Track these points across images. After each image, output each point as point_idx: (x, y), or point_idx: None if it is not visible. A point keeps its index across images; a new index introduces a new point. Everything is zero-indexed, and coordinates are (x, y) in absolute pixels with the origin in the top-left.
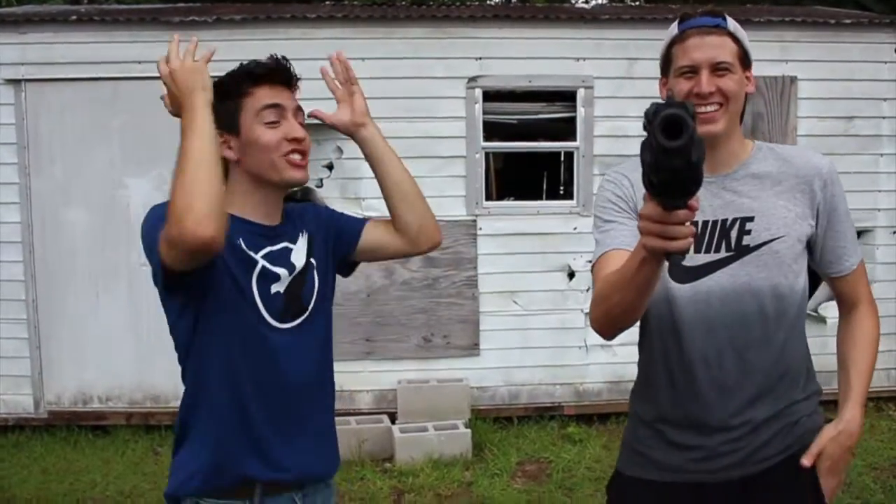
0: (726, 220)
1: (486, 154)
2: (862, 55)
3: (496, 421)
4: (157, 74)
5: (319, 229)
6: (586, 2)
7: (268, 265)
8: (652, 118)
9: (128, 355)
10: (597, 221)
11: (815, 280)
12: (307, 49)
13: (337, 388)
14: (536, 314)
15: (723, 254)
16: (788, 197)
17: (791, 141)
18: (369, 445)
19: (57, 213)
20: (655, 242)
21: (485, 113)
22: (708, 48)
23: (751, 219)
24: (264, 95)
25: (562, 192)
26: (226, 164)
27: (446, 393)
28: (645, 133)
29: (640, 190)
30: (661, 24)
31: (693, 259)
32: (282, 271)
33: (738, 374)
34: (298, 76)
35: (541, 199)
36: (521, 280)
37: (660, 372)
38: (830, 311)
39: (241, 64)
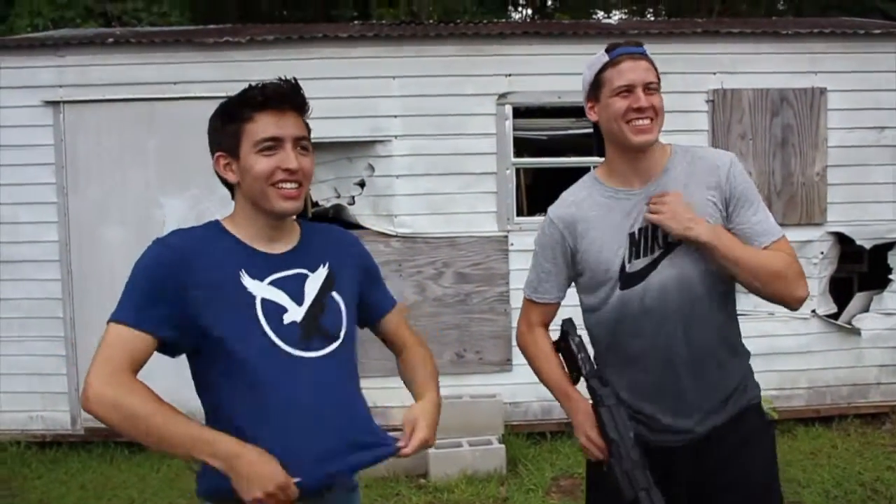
0: (653, 225)
1: (517, 170)
2: (891, 65)
3: (529, 436)
4: (193, 94)
5: (353, 271)
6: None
7: (269, 298)
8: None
9: (162, 372)
10: (534, 255)
11: (848, 293)
12: (339, 68)
13: (370, 403)
14: None
15: (657, 253)
16: (701, 191)
17: (822, 153)
18: (404, 462)
19: (93, 232)
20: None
21: (515, 129)
22: (642, 71)
23: None
24: (266, 124)
25: None
26: (230, 187)
27: (479, 409)
28: None
29: (573, 227)
30: (688, 38)
31: (636, 265)
32: (287, 301)
33: (687, 352)
34: (306, 102)
35: None
36: None
37: (615, 363)
38: (866, 322)
39: (250, 85)
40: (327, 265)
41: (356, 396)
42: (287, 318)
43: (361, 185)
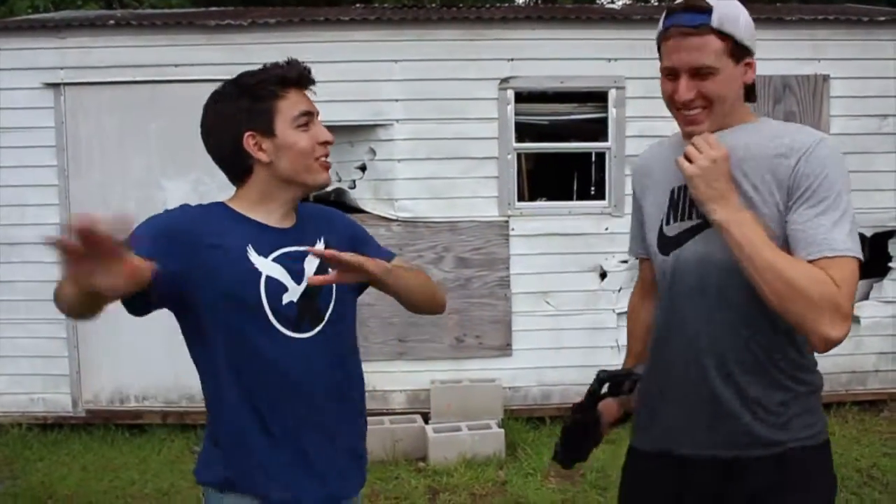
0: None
1: (518, 155)
2: (895, 53)
3: (528, 421)
4: (195, 77)
5: (342, 240)
6: (612, 2)
7: (273, 276)
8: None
9: (164, 355)
10: None
11: None
12: (340, 51)
13: (370, 387)
14: (568, 314)
15: (693, 220)
16: (759, 168)
17: None
18: (403, 445)
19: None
20: None
21: (517, 114)
22: (685, 52)
23: None
24: (298, 101)
25: (593, 193)
26: (248, 167)
27: (479, 393)
28: None
29: (642, 180)
30: None
31: (672, 228)
32: (288, 279)
33: (711, 339)
34: (314, 80)
35: (572, 199)
36: (553, 280)
37: (650, 345)
38: (865, 310)
39: (266, 65)
40: (323, 241)
41: (339, 380)
42: (286, 298)
43: (363, 168)
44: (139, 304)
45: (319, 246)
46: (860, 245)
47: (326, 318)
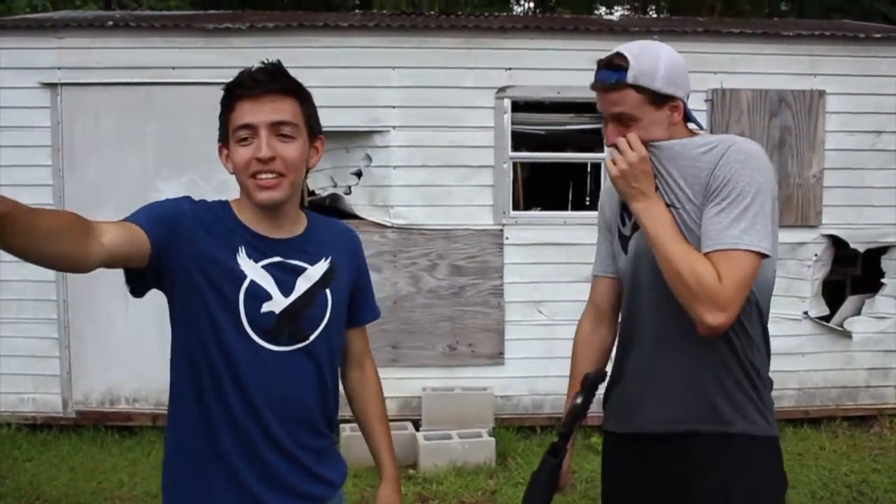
0: None
1: (514, 164)
2: (891, 69)
3: (519, 430)
4: (192, 80)
5: (348, 270)
6: (610, 13)
7: (258, 281)
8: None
9: (155, 357)
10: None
11: (840, 296)
12: (338, 57)
13: None
14: (561, 324)
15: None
16: (684, 170)
17: (819, 155)
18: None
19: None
20: None
21: (513, 123)
22: (606, 104)
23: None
24: (242, 112)
25: (588, 203)
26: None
27: (471, 401)
28: None
29: (605, 199)
30: (689, 36)
31: (625, 228)
32: (274, 290)
33: (655, 327)
34: (289, 84)
35: (567, 209)
36: (546, 290)
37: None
38: (857, 325)
39: (239, 72)
40: (329, 260)
41: (308, 402)
42: (266, 308)
43: (358, 175)
44: (137, 280)
45: (323, 265)
46: (765, 239)
47: (311, 339)
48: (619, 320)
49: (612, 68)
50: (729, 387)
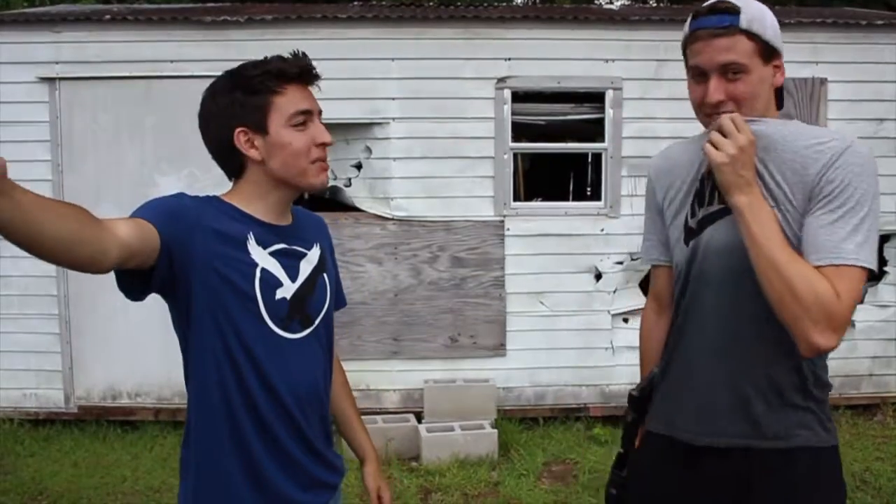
0: None
1: (515, 155)
2: (893, 57)
3: (522, 421)
4: (190, 73)
5: (328, 251)
6: (610, 2)
7: (268, 269)
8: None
9: (156, 352)
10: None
11: None
12: (337, 49)
13: (364, 386)
14: (563, 315)
15: (715, 206)
16: (784, 166)
17: None
18: (396, 444)
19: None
20: None
21: (513, 114)
22: (714, 52)
23: None
24: (297, 97)
25: (589, 194)
26: (241, 163)
27: (472, 393)
28: None
29: (659, 180)
30: None
31: (693, 220)
32: (283, 276)
33: (721, 332)
34: (320, 76)
35: (568, 200)
36: (548, 281)
37: (671, 331)
38: (860, 314)
39: (267, 57)
40: (319, 245)
41: (320, 388)
42: (279, 294)
43: (358, 167)
44: (137, 283)
45: (317, 250)
46: (874, 255)
47: (315, 324)
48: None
49: (723, 12)
50: (793, 400)
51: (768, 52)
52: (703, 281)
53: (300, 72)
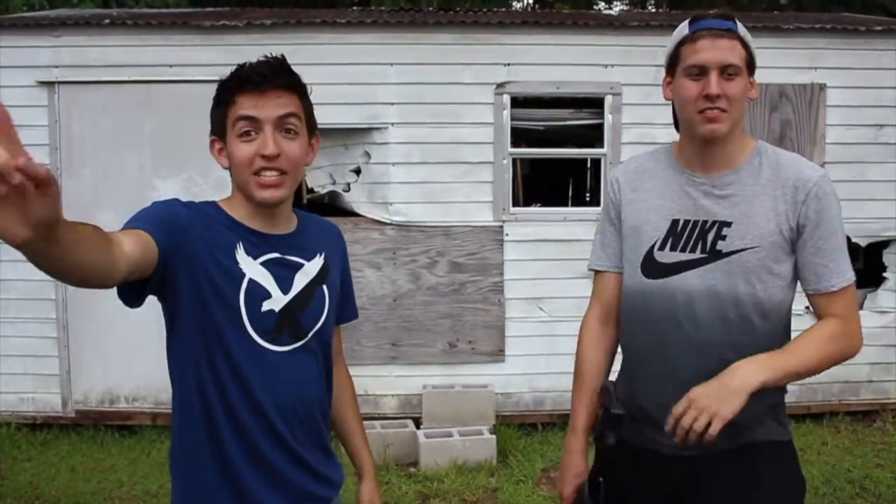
0: (706, 221)
1: (514, 160)
2: (892, 62)
3: (520, 427)
4: (189, 78)
5: (338, 266)
6: (609, 8)
7: (257, 279)
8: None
9: (154, 356)
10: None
11: None
12: (336, 54)
13: (362, 391)
14: (562, 321)
15: (697, 254)
16: (771, 206)
17: (819, 149)
18: (394, 450)
19: (87, 215)
20: None
21: (512, 119)
22: (718, 51)
23: (728, 224)
24: (242, 104)
25: (588, 199)
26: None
27: (471, 398)
28: None
29: (626, 190)
30: None
31: (667, 256)
32: (273, 287)
33: (694, 371)
34: (293, 79)
35: (567, 205)
36: (546, 286)
37: (626, 358)
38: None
39: (238, 65)
40: (323, 256)
41: (310, 401)
42: (266, 306)
43: (357, 172)
44: (136, 290)
45: (318, 261)
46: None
47: (308, 337)
48: (623, 338)
49: (722, 17)
50: (757, 410)
51: (752, 65)
52: (669, 320)
53: (240, 81)
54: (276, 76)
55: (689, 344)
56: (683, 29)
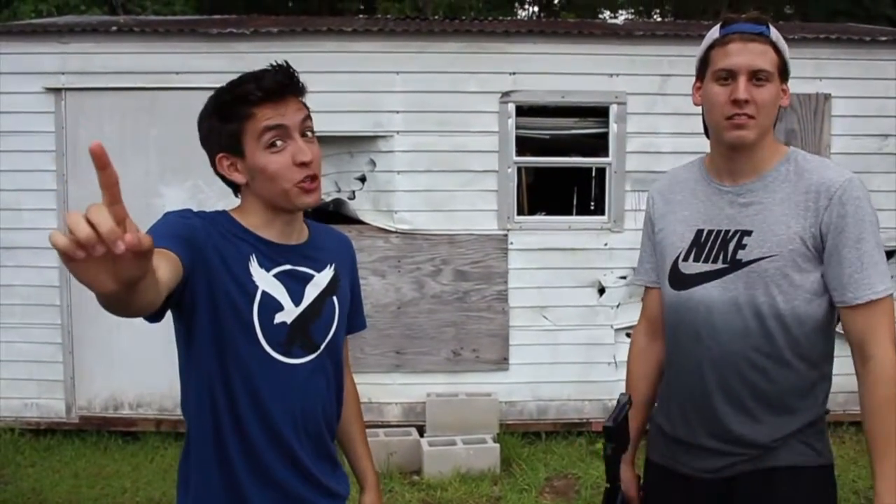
0: (728, 231)
1: (519, 169)
2: None
3: (524, 436)
4: (196, 85)
5: (348, 277)
6: (615, 17)
7: (269, 292)
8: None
9: (159, 363)
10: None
11: None
12: (342, 62)
13: (366, 399)
14: (566, 329)
15: (719, 265)
16: (791, 214)
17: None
18: (397, 458)
19: None
20: None
21: (517, 128)
22: (748, 55)
23: (749, 233)
24: (265, 115)
25: (593, 208)
26: (234, 185)
27: (475, 407)
28: None
29: (658, 204)
30: (694, 40)
31: (691, 267)
32: (286, 299)
33: (715, 386)
34: (303, 84)
35: (572, 214)
36: (551, 295)
37: (665, 372)
38: None
39: (242, 76)
40: (333, 266)
41: (321, 413)
42: (279, 318)
43: (362, 179)
44: (160, 307)
45: (329, 272)
46: (888, 272)
47: (321, 349)
48: (665, 350)
49: (755, 22)
50: (781, 432)
51: (785, 71)
52: (699, 331)
53: (265, 94)
54: (292, 83)
55: (709, 358)
56: (714, 32)
